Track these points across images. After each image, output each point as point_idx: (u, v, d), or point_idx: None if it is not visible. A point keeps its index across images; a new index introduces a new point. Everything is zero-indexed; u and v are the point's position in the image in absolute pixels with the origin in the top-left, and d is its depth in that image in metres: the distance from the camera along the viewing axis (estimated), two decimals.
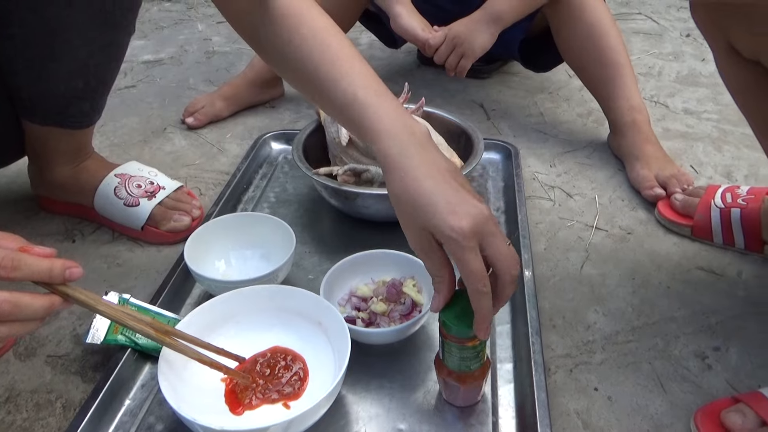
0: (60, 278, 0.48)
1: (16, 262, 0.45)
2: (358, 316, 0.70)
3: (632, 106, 1.04)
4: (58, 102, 0.79)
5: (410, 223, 0.53)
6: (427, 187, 0.52)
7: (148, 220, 0.87)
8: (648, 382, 0.67)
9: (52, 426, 0.62)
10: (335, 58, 0.61)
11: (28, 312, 0.45)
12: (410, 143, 0.55)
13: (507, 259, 0.52)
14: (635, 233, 0.90)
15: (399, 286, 0.72)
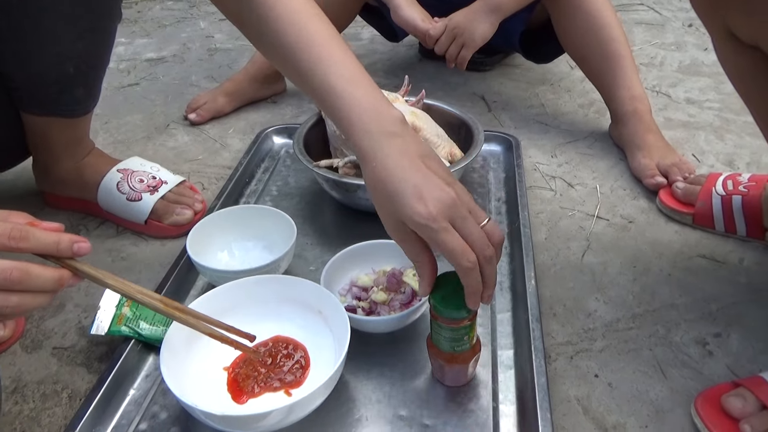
0: (68, 251, 0.47)
1: (24, 233, 0.44)
2: (359, 306, 0.70)
3: (633, 95, 1.04)
4: (51, 89, 0.79)
5: (384, 212, 0.54)
6: (396, 176, 0.52)
7: (151, 214, 0.88)
8: (648, 369, 0.67)
9: (59, 415, 0.63)
10: (311, 42, 0.60)
11: (38, 282, 0.45)
12: (381, 133, 0.55)
13: (478, 240, 0.52)
14: (636, 222, 0.90)
15: (399, 276, 0.72)
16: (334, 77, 0.58)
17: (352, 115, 0.56)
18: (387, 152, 0.54)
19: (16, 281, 0.43)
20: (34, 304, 0.46)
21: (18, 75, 0.77)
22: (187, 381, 0.60)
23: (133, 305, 0.69)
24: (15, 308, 0.44)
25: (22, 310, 0.45)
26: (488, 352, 0.68)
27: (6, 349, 0.71)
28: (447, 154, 0.89)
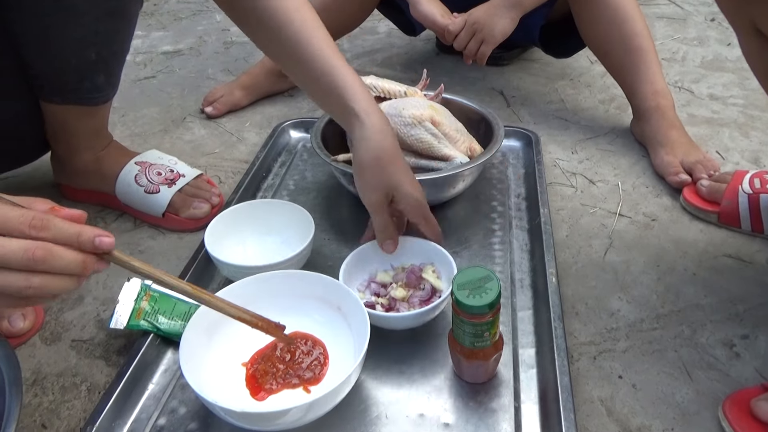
0: (89, 245, 0.45)
1: (45, 222, 0.43)
2: (378, 302, 0.70)
3: (656, 90, 1.01)
4: (72, 76, 0.79)
5: (375, 182, 0.68)
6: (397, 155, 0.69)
7: (169, 207, 0.88)
8: (674, 370, 0.66)
9: (78, 408, 0.63)
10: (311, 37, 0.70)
11: (62, 263, 0.44)
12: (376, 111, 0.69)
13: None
14: (660, 220, 0.88)
15: (419, 272, 0.72)
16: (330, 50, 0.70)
17: (358, 104, 0.68)
18: (386, 131, 0.69)
19: (39, 260, 0.42)
20: (59, 287, 0.44)
21: (39, 62, 0.77)
22: (205, 376, 0.60)
23: (151, 299, 0.69)
24: (38, 290, 0.43)
25: (45, 293, 0.44)
26: (509, 351, 0.67)
27: (26, 341, 0.71)
28: (466, 149, 0.88)
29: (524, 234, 0.85)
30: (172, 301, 0.70)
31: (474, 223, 0.87)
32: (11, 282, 0.43)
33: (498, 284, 0.57)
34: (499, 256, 0.81)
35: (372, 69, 1.39)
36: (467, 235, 0.85)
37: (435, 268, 0.73)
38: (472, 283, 0.58)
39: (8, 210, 0.43)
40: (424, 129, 0.85)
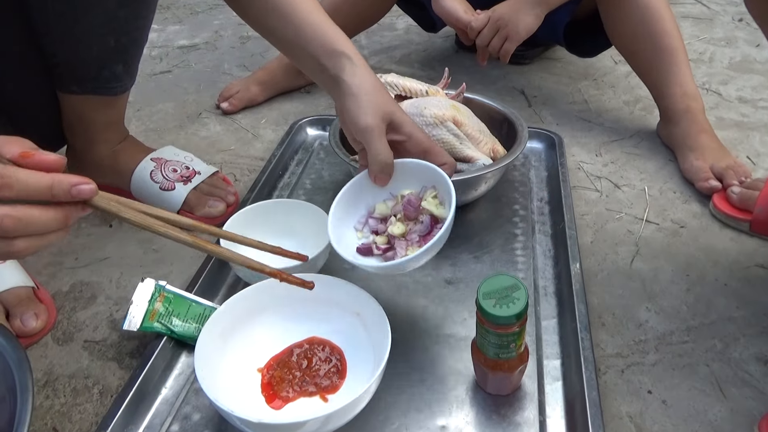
0: (65, 196, 0.41)
1: (7, 180, 0.38)
2: (375, 242, 0.66)
3: (686, 92, 0.98)
4: (92, 64, 0.78)
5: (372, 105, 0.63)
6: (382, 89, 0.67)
7: (184, 205, 0.87)
8: (705, 386, 0.63)
9: (89, 412, 0.62)
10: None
11: (38, 227, 0.40)
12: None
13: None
14: (689, 227, 0.85)
15: (416, 202, 0.66)
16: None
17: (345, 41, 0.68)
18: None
19: (10, 230, 0.39)
20: (44, 243, 0.41)
21: (60, 49, 0.75)
22: (220, 383, 0.58)
23: (165, 300, 0.67)
24: (24, 251, 0.41)
25: (33, 251, 0.41)
26: (533, 361, 0.64)
27: (38, 340, 0.70)
28: (489, 150, 0.86)
29: (547, 239, 0.82)
30: (187, 303, 0.68)
31: (495, 227, 0.85)
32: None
33: (526, 294, 0.55)
34: (521, 261, 0.78)
35: (390, 66, 1.37)
36: (488, 239, 0.82)
37: (437, 192, 0.66)
38: (499, 292, 0.55)
39: None
40: (446, 129, 0.83)
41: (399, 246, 0.64)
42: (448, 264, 0.78)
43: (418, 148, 0.67)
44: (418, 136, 0.67)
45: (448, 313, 0.71)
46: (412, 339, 0.67)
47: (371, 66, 0.69)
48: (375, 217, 0.68)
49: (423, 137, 0.67)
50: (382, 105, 0.64)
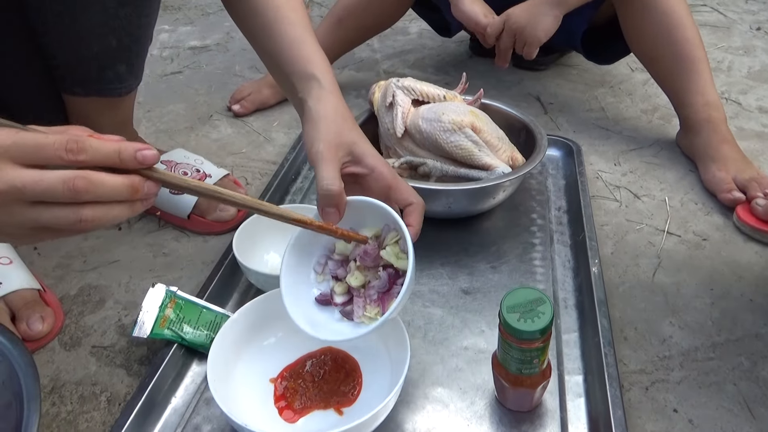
0: (131, 161, 0.41)
1: (81, 144, 0.39)
2: (334, 290, 0.58)
3: (708, 102, 0.96)
4: (93, 64, 0.76)
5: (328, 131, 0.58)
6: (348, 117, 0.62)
7: (194, 208, 0.85)
8: (734, 406, 0.61)
9: (97, 420, 0.60)
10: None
11: (107, 190, 0.40)
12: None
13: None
14: (711, 240, 0.83)
15: (374, 252, 0.57)
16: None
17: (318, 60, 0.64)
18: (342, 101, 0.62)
19: (81, 191, 0.39)
20: (111, 216, 0.41)
21: (59, 50, 0.74)
22: (233, 393, 0.56)
23: (176, 307, 0.65)
24: (92, 222, 0.40)
25: (99, 224, 0.41)
26: (555, 377, 0.62)
27: (44, 345, 0.68)
28: (508, 158, 0.84)
29: (567, 250, 0.80)
30: (198, 309, 0.66)
31: (512, 236, 0.83)
32: (62, 218, 0.40)
33: (551, 308, 0.53)
34: (540, 272, 0.76)
35: (403, 70, 1.35)
36: (506, 248, 0.81)
37: (399, 236, 0.57)
38: (523, 305, 0.53)
39: (42, 138, 0.39)
40: (464, 136, 0.81)
41: (357, 305, 0.57)
42: (465, 273, 0.76)
43: (381, 183, 0.58)
44: (382, 170, 0.58)
45: (465, 324, 0.69)
46: (428, 350, 0.65)
47: (384, 71, 0.67)
48: (334, 259, 0.60)
49: (387, 171, 0.58)
50: (341, 133, 0.58)
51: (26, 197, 0.39)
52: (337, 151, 0.57)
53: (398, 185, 0.59)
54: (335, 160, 0.56)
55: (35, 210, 0.39)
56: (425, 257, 0.78)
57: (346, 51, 1.25)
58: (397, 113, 0.85)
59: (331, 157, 0.56)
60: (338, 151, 0.57)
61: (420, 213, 0.58)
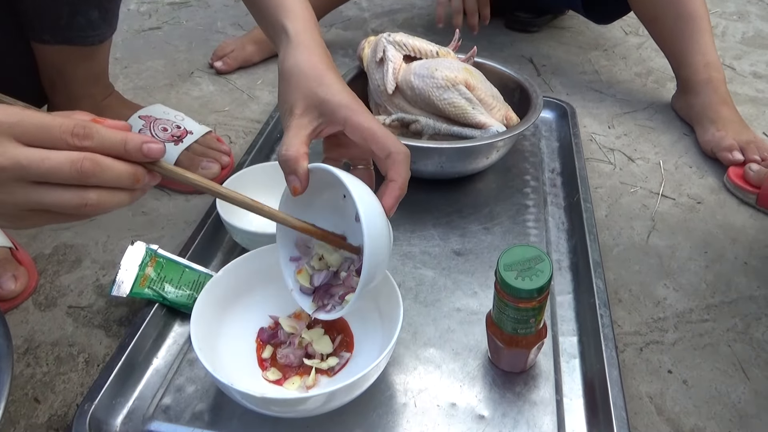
0: (137, 153, 0.40)
1: (88, 130, 0.38)
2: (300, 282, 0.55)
3: (708, 62, 0.94)
4: (63, 9, 0.72)
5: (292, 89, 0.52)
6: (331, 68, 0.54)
7: (175, 165, 0.81)
8: (728, 367, 0.60)
9: (74, 382, 0.58)
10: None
11: (113, 175, 0.39)
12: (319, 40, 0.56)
13: None
14: (706, 203, 0.82)
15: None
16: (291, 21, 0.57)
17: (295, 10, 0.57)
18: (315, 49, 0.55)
19: (88, 173, 0.38)
20: (114, 202, 0.40)
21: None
22: (218, 354, 0.54)
23: (157, 266, 0.62)
24: (95, 207, 0.39)
25: (101, 210, 0.40)
26: (549, 338, 0.61)
27: (18, 305, 0.65)
28: (502, 117, 0.81)
29: (560, 212, 0.78)
30: (180, 269, 0.63)
31: (505, 198, 0.81)
32: (67, 200, 0.38)
33: (550, 266, 0.51)
34: (534, 234, 0.75)
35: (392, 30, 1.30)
36: (498, 210, 0.79)
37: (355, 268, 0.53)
38: (521, 263, 0.51)
39: (48, 118, 0.38)
40: (458, 93, 0.78)
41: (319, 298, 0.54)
42: (457, 235, 0.74)
43: (358, 136, 0.50)
44: (354, 120, 0.50)
45: (457, 285, 0.67)
46: (419, 312, 0.64)
47: (373, 30, 0.62)
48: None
49: (362, 120, 0.50)
50: (308, 94, 0.51)
51: (29, 176, 0.37)
52: (304, 113, 0.51)
53: (374, 134, 0.50)
54: (300, 126, 0.51)
55: (37, 190, 0.38)
56: (416, 218, 0.76)
57: (333, 7, 1.20)
58: (388, 69, 0.82)
59: (295, 123, 0.51)
60: (306, 113, 0.51)
61: (402, 163, 0.49)
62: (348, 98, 0.51)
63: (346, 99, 0.51)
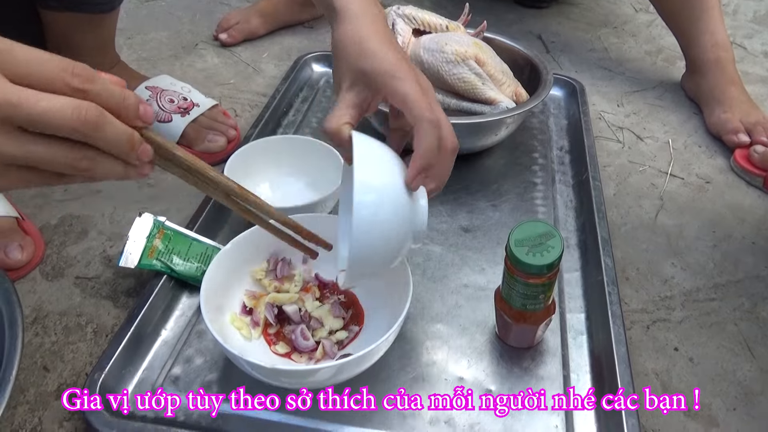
0: (134, 109, 0.35)
1: (91, 72, 0.33)
2: None
3: (717, 42, 0.93)
4: None
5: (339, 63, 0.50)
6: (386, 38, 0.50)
7: (181, 138, 0.80)
8: (734, 345, 0.60)
9: (83, 351, 0.58)
10: None
11: (113, 132, 0.34)
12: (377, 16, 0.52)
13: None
14: (714, 183, 0.82)
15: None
16: None
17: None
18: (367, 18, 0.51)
19: (92, 123, 0.33)
20: (107, 169, 0.35)
21: None
22: (226, 326, 0.54)
23: (165, 237, 0.62)
24: (88, 170, 0.34)
25: (92, 175, 0.35)
26: (556, 315, 0.61)
27: (25, 275, 0.65)
28: (512, 93, 0.80)
29: (569, 190, 0.78)
30: (188, 241, 0.63)
31: (513, 175, 0.80)
32: (60, 156, 0.33)
33: (562, 242, 0.51)
34: (542, 211, 0.74)
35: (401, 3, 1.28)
36: (506, 187, 0.78)
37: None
38: (532, 239, 0.51)
39: (44, 55, 0.33)
40: (467, 68, 0.77)
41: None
42: (464, 211, 0.74)
43: (397, 102, 0.48)
44: (392, 85, 0.47)
45: (465, 261, 0.67)
46: (427, 287, 0.64)
47: (382, 3, 0.59)
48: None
49: (399, 85, 0.47)
50: (351, 68, 0.49)
51: (18, 119, 0.31)
52: (350, 88, 0.49)
53: (405, 100, 0.47)
54: (344, 100, 0.49)
55: (25, 139, 0.32)
56: None
57: None
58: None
59: (341, 98, 0.49)
60: (352, 87, 0.49)
61: (425, 132, 0.46)
62: (389, 64, 0.47)
63: (387, 65, 0.48)
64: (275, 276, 0.59)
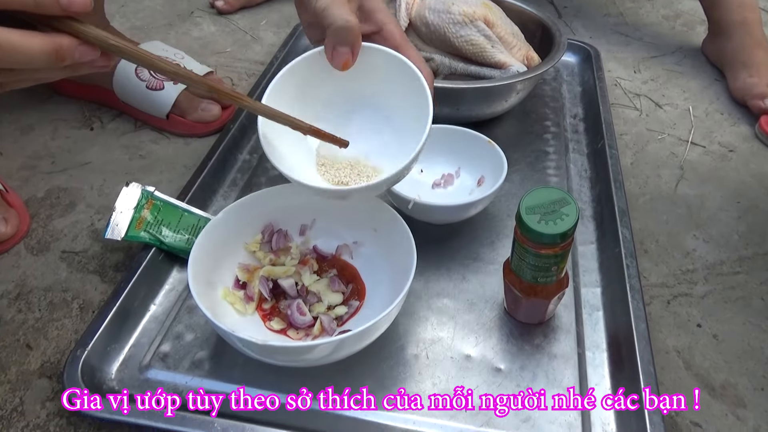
0: (54, 6, 0.30)
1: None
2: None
3: (743, 2, 0.87)
4: None
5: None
6: None
7: (174, 107, 0.76)
8: (761, 321, 0.56)
9: (68, 328, 0.55)
10: None
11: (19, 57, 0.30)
12: None
13: None
14: (738, 151, 0.77)
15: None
16: None
17: None
18: None
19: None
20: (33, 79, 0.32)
21: None
22: (217, 301, 0.51)
23: (154, 208, 0.58)
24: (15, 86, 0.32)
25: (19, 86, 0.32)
26: (570, 289, 0.57)
27: (9, 249, 0.62)
28: (523, 57, 0.76)
29: (583, 159, 0.74)
30: (179, 212, 0.60)
31: (525, 144, 0.76)
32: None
33: (576, 210, 0.47)
34: (554, 182, 0.70)
35: None
36: (517, 156, 0.74)
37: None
38: (545, 206, 0.47)
39: None
40: (476, 29, 0.72)
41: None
42: None
43: (390, 44, 0.50)
44: (391, 29, 0.50)
45: (473, 235, 0.63)
46: (432, 261, 0.60)
47: None
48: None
49: (397, 32, 0.50)
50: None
51: None
52: (346, 1, 0.48)
53: (408, 50, 0.49)
54: (345, 5, 0.47)
55: None
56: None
57: None
58: (401, 4, 0.76)
59: (341, 3, 0.47)
60: (348, 2, 0.48)
61: (430, 81, 0.49)
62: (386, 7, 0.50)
63: (384, 7, 0.50)
64: (270, 248, 0.56)
